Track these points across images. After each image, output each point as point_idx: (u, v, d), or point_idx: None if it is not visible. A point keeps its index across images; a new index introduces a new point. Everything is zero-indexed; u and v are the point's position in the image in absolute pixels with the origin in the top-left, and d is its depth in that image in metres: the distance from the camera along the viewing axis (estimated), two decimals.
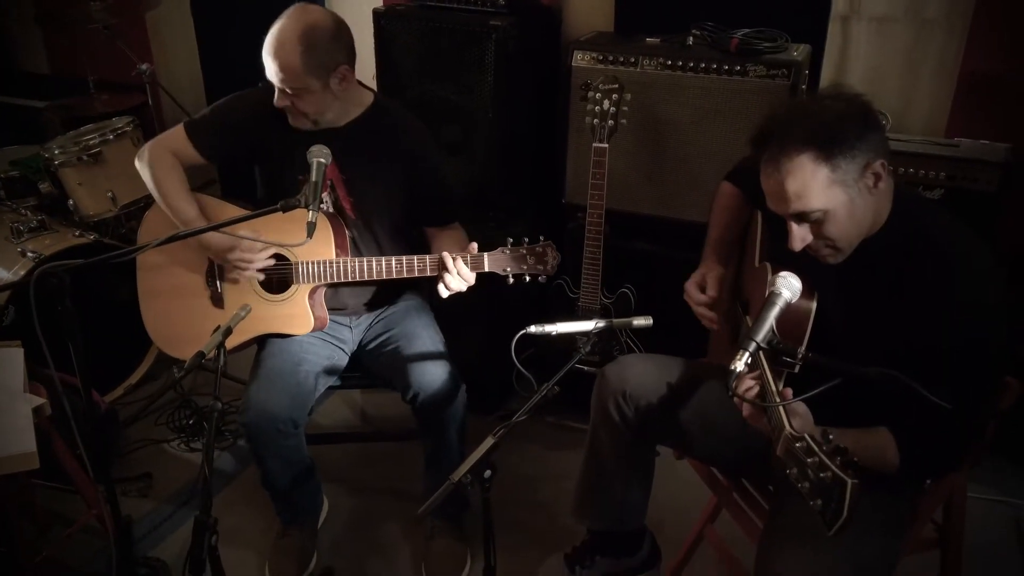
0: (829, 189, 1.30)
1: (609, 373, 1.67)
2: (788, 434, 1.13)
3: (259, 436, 1.91)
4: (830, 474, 1.01)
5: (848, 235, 1.35)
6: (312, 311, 2.01)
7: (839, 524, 1.00)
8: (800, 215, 1.34)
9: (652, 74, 2.41)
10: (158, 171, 1.99)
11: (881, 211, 1.37)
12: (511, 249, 1.88)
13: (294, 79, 1.81)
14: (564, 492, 2.40)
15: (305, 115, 1.89)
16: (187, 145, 2.01)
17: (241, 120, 2.00)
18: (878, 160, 1.30)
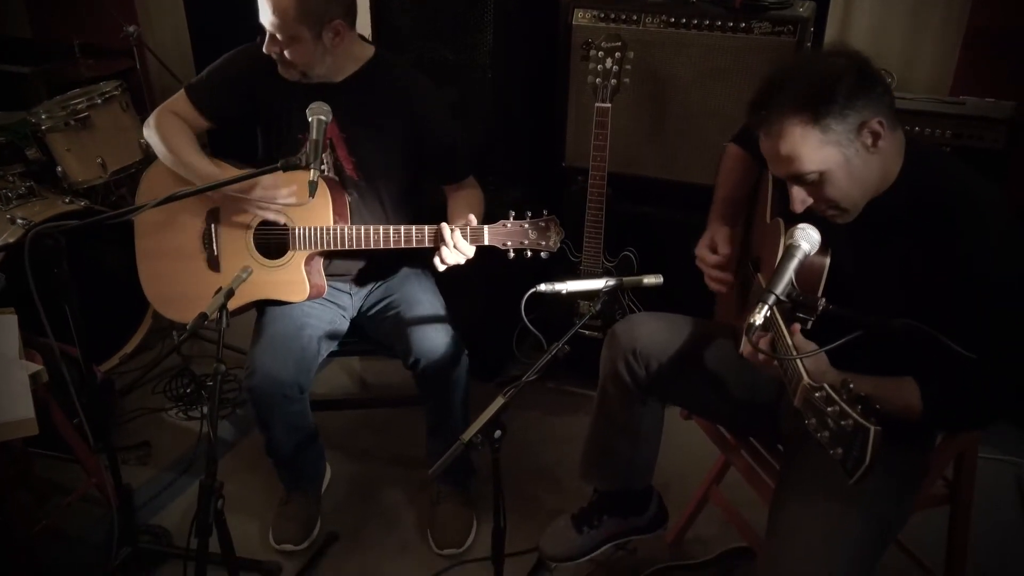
0: (821, 150, 1.28)
1: (619, 331, 1.64)
2: (806, 384, 1.11)
3: (264, 401, 1.88)
4: (851, 422, 1.00)
5: (849, 196, 1.33)
6: (308, 278, 1.97)
7: (861, 471, 0.98)
8: (796, 177, 1.32)
9: (654, 32, 2.36)
10: (166, 134, 1.94)
11: (889, 169, 1.34)
12: (513, 223, 1.83)
13: (285, 25, 1.76)
14: (567, 456, 2.42)
15: (293, 66, 1.84)
16: (189, 107, 1.96)
17: (238, 75, 1.95)
18: (875, 119, 1.27)
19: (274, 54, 1.83)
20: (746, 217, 1.77)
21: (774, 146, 1.32)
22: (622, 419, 1.67)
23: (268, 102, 1.94)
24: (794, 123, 1.28)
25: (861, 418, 0.98)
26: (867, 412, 0.99)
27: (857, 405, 1.00)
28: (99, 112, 2.77)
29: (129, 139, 2.87)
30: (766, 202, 1.66)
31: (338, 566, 2.05)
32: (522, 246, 1.85)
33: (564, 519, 1.88)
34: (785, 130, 1.29)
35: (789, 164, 1.31)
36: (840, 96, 1.26)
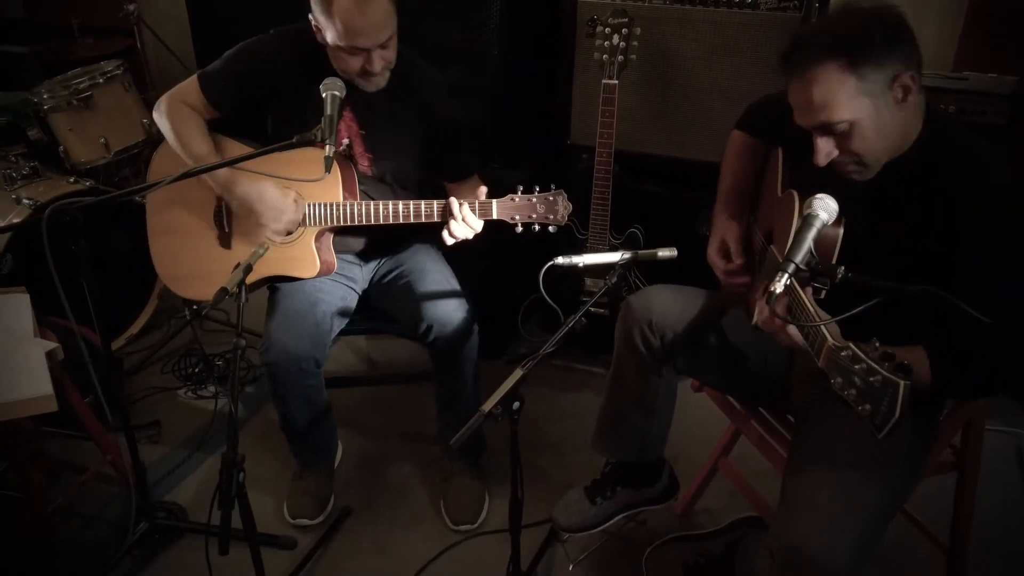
0: (856, 99, 1.27)
1: (634, 303, 1.66)
2: (831, 345, 1.13)
3: (281, 375, 1.90)
4: (880, 378, 1.02)
5: (874, 149, 1.33)
6: (319, 255, 1.98)
7: (891, 425, 1.01)
8: (825, 126, 1.32)
9: (660, 8, 2.37)
10: (176, 122, 1.94)
11: (910, 129, 1.35)
12: (521, 196, 1.84)
13: (390, 27, 1.79)
14: (574, 431, 2.45)
15: (388, 66, 1.85)
16: (200, 98, 1.95)
17: (255, 71, 1.94)
18: (908, 72, 1.28)
19: (360, 68, 1.81)
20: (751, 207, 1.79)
21: (807, 93, 1.30)
22: (637, 390, 1.70)
23: (283, 97, 1.94)
24: (831, 68, 1.26)
25: (890, 373, 1.00)
26: (896, 368, 1.01)
27: (884, 362, 1.02)
28: (101, 91, 2.75)
29: (131, 119, 2.86)
30: (776, 176, 1.67)
31: (353, 540, 2.08)
32: (530, 220, 1.86)
33: (577, 491, 1.91)
34: (821, 75, 1.27)
35: (821, 112, 1.30)
36: (879, 44, 1.25)
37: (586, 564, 1.99)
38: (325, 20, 1.77)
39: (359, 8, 1.73)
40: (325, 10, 1.75)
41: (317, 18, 1.79)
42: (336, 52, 1.80)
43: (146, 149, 2.96)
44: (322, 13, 1.76)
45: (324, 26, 1.78)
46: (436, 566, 2.00)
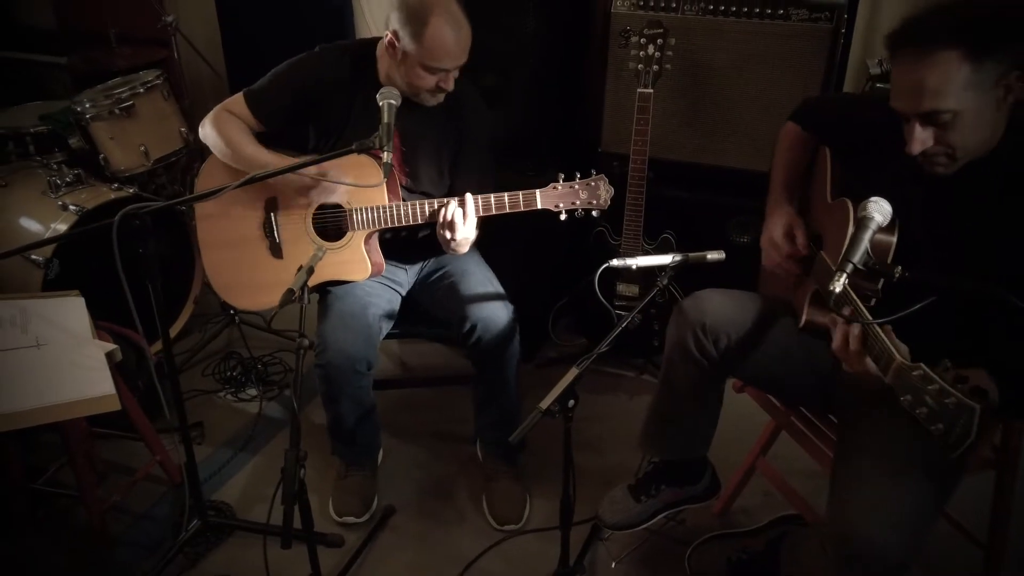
0: (966, 91, 1.24)
1: (687, 306, 1.71)
2: (901, 363, 1.17)
3: (336, 376, 1.95)
4: (954, 400, 1.05)
5: (968, 144, 1.30)
6: (369, 256, 2.04)
7: (965, 446, 1.05)
8: (930, 114, 1.28)
9: (693, 19, 2.42)
10: (224, 130, 1.99)
11: (997, 130, 1.34)
12: (563, 184, 1.90)
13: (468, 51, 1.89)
14: (608, 431, 2.50)
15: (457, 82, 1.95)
16: (247, 114, 2.01)
17: (303, 87, 2.00)
18: (1013, 72, 1.26)
19: (434, 86, 1.91)
20: (803, 195, 1.83)
21: (919, 76, 1.25)
22: (688, 391, 1.74)
23: (325, 110, 2.00)
24: (952, 54, 1.22)
25: (966, 397, 1.04)
26: (971, 391, 1.05)
27: (958, 384, 1.06)
28: (142, 101, 2.81)
29: (170, 127, 2.92)
30: (824, 180, 1.71)
31: (399, 537, 2.13)
32: (574, 206, 1.92)
33: (620, 489, 1.95)
34: (939, 59, 1.23)
35: (930, 98, 1.25)
36: (1004, 38, 1.22)
37: (628, 562, 2.03)
38: (413, 39, 1.83)
39: (455, 33, 1.83)
40: (416, 31, 1.82)
41: (402, 36, 1.85)
42: (413, 68, 1.87)
43: (183, 157, 3.02)
44: (411, 33, 1.83)
45: (410, 44, 1.85)
46: (481, 563, 2.05)
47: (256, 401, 2.62)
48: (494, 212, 1.93)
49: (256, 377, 2.69)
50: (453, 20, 1.85)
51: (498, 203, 1.92)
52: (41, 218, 2.50)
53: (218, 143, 2.01)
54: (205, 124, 2.04)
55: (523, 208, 1.92)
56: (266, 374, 2.72)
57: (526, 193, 1.91)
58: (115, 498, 2.08)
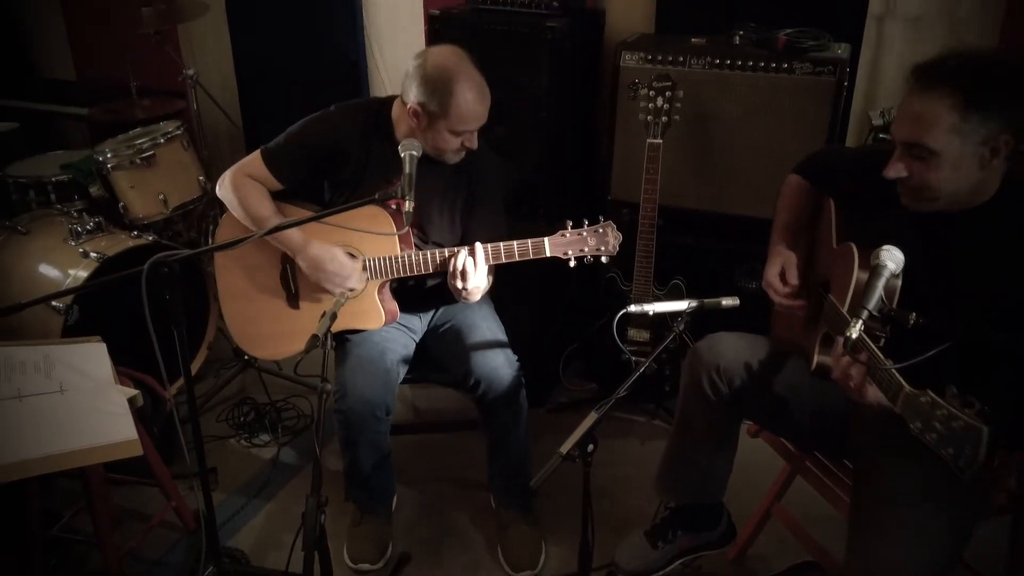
0: (950, 135, 1.36)
1: (702, 349, 1.74)
2: (909, 391, 1.20)
3: (355, 422, 1.97)
4: (962, 423, 1.09)
5: (941, 188, 1.41)
6: (383, 305, 2.07)
7: (974, 468, 1.07)
8: (912, 145, 1.40)
9: (700, 72, 2.49)
10: (241, 193, 2.05)
11: (987, 186, 1.43)
12: (571, 231, 1.94)
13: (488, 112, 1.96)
14: (621, 477, 2.50)
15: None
16: (265, 173, 2.06)
17: (320, 145, 2.06)
18: (1004, 135, 1.36)
19: (459, 145, 1.98)
20: (808, 242, 1.88)
21: (916, 107, 1.38)
22: (703, 434, 1.76)
23: (341, 166, 2.06)
24: (946, 95, 1.34)
25: (973, 419, 1.07)
26: (977, 413, 1.08)
27: (965, 408, 1.09)
28: (162, 151, 2.89)
29: (189, 176, 2.99)
30: (830, 227, 1.77)
31: None
32: (582, 253, 1.96)
33: (637, 535, 1.95)
34: (936, 96, 1.35)
35: (918, 129, 1.37)
36: (995, 103, 1.33)
37: None
38: (440, 108, 1.89)
39: (479, 96, 1.91)
40: (442, 101, 1.88)
41: (428, 106, 1.90)
42: (441, 134, 1.94)
43: (200, 205, 3.08)
44: (438, 103, 1.89)
45: (436, 111, 1.90)
46: None
47: (269, 446, 2.63)
48: (504, 260, 1.96)
49: (269, 422, 2.70)
50: (476, 84, 1.91)
51: (507, 251, 1.96)
52: (62, 265, 2.54)
53: (235, 207, 2.06)
54: (224, 185, 2.09)
55: (532, 256, 1.96)
56: (280, 419, 2.74)
57: (535, 241, 1.95)
58: (131, 544, 2.08)
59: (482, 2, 2.64)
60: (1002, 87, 1.35)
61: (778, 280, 1.75)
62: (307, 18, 3.43)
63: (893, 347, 1.33)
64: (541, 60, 2.52)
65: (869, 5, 2.59)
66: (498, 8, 2.61)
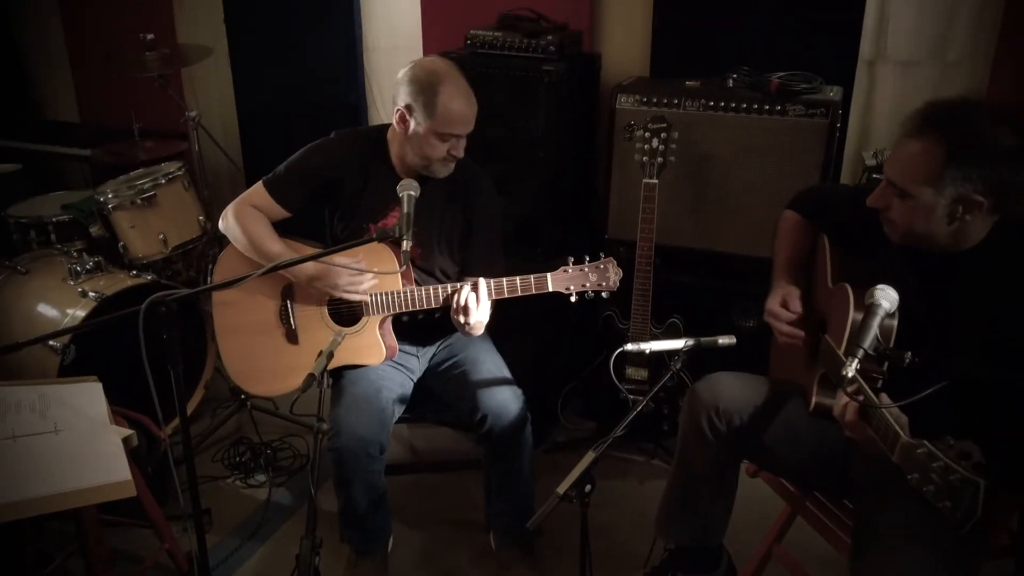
0: (923, 184, 1.41)
1: (700, 389, 1.74)
2: (906, 442, 1.20)
3: (350, 460, 1.95)
4: (959, 476, 1.08)
5: (908, 228, 1.48)
6: (383, 340, 2.08)
7: (972, 522, 1.07)
8: (892, 181, 1.46)
9: (694, 114, 2.54)
10: (245, 223, 2.07)
11: (969, 236, 1.46)
12: (573, 267, 1.96)
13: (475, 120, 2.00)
14: (621, 517, 2.48)
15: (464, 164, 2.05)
16: (269, 201, 2.09)
17: (319, 171, 2.10)
18: (978, 195, 1.39)
19: (446, 153, 2.00)
20: (805, 282, 1.89)
21: (903, 147, 1.45)
22: (703, 474, 1.75)
23: (342, 191, 2.09)
24: (931, 144, 1.40)
25: (969, 472, 1.07)
26: (974, 466, 1.08)
27: (962, 460, 1.09)
28: (163, 191, 2.91)
29: (189, 216, 3.01)
30: (825, 267, 1.78)
31: None
32: (584, 288, 1.97)
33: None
34: (923, 141, 1.41)
35: (901, 169, 1.45)
36: (976, 169, 1.37)
37: None
38: (426, 109, 1.93)
39: (465, 99, 1.95)
40: (428, 101, 1.92)
41: (414, 108, 1.95)
42: (427, 139, 1.96)
43: (200, 244, 3.10)
44: (424, 104, 1.93)
45: (422, 115, 1.94)
46: None
47: (264, 487, 2.61)
48: (507, 295, 1.98)
49: (265, 462, 2.68)
50: (461, 87, 1.96)
51: (510, 287, 1.97)
52: (61, 304, 2.55)
53: (240, 238, 2.08)
54: (227, 217, 2.11)
55: (535, 291, 1.97)
56: (275, 459, 2.72)
57: (537, 276, 1.97)
58: None
59: (480, 46, 2.69)
60: (986, 150, 1.38)
61: (780, 308, 1.76)
62: (308, 61, 3.50)
63: (891, 387, 1.34)
64: (539, 102, 2.56)
65: (860, 49, 2.64)
66: (496, 52, 2.66)
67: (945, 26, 2.57)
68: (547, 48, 2.59)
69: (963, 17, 2.54)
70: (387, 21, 3.39)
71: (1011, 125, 1.41)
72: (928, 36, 2.59)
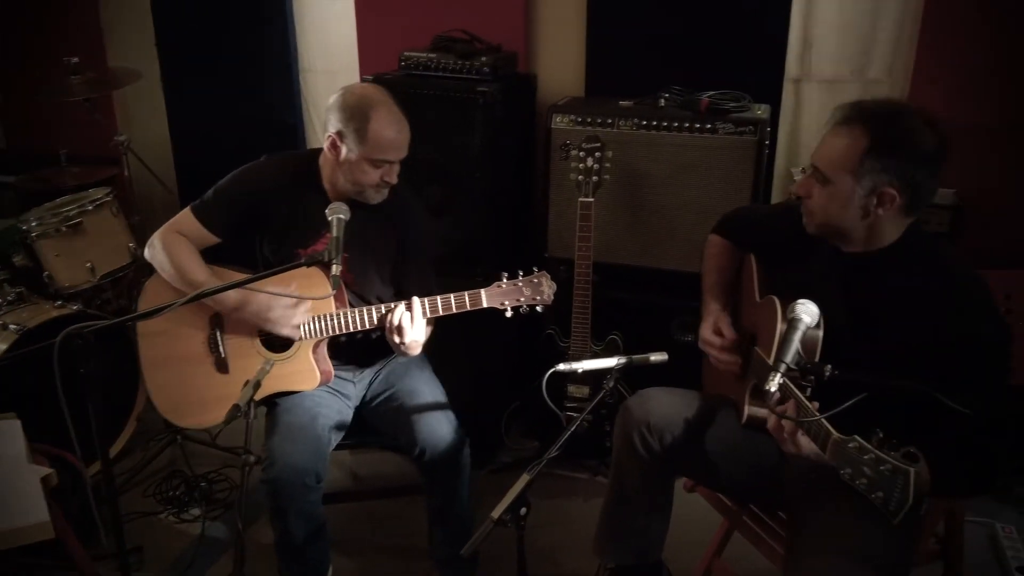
0: (842, 170, 1.45)
1: (632, 406, 1.74)
2: (837, 438, 1.22)
3: (285, 491, 1.89)
4: (890, 466, 1.11)
5: (823, 216, 1.52)
6: (318, 365, 2.04)
7: (905, 511, 1.09)
8: (816, 166, 1.50)
9: (628, 133, 2.57)
10: (170, 250, 2.02)
11: (883, 233, 1.50)
12: (507, 282, 1.96)
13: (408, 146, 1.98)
14: (565, 537, 2.46)
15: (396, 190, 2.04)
16: (197, 227, 2.04)
17: (248, 196, 2.05)
18: (892, 189, 1.43)
19: (379, 180, 1.97)
20: (734, 302, 1.92)
21: (834, 134, 1.48)
22: (637, 492, 1.75)
23: (274, 216, 2.05)
24: (857, 135, 1.44)
25: (900, 462, 1.09)
26: (903, 456, 1.10)
27: (891, 451, 1.11)
28: (90, 218, 2.82)
29: (119, 243, 2.92)
30: (752, 283, 1.81)
31: None
32: (519, 303, 1.96)
33: None
34: (851, 131, 1.45)
35: (825, 155, 1.48)
36: (900, 160, 1.41)
37: None
38: (357, 135, 1.91)
39: (397, 125, 1.93)
40: (359, 127, 1.90)
41: (345, 135, 1.93)
42: (359, 165, 1.94)
43: (130, 272, 3.01)
44: (355, 130, 1.91)
45: (354, 141, 1.92)
46: None
47: (199, 522, 2.52)
48: (441, 313, 1.96)
49: (200, 496, 2.60)
50: (393, 113, 1.94)
51: (445, 304, 1.96)
52: None
53: (165, 266, 2.02)
54: (153, 244, 2.05)
55: (469, 307, 1.96)
56: (211, 492, 2.64)
57: (472, 293, 1.95)
58: None
59: (414, 68, 2.69)
60: (905, 146, 1.42)
61: (713, 336, 1.78)
62: (244, 83, 3.45)
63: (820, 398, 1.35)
64: (474, 123, 2.57)
65: (786, 68, 2.71)
66: (430, 74, 2.66)
67: (866, 45, 2.67)
68: (481, 69, 2.60)
69: (882, 37, 2.65)
70: (323, 43, 3.38)
71: (935, 132, 1.45)
72: (850, 55, 2.69)
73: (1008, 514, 2.53)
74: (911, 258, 1.50)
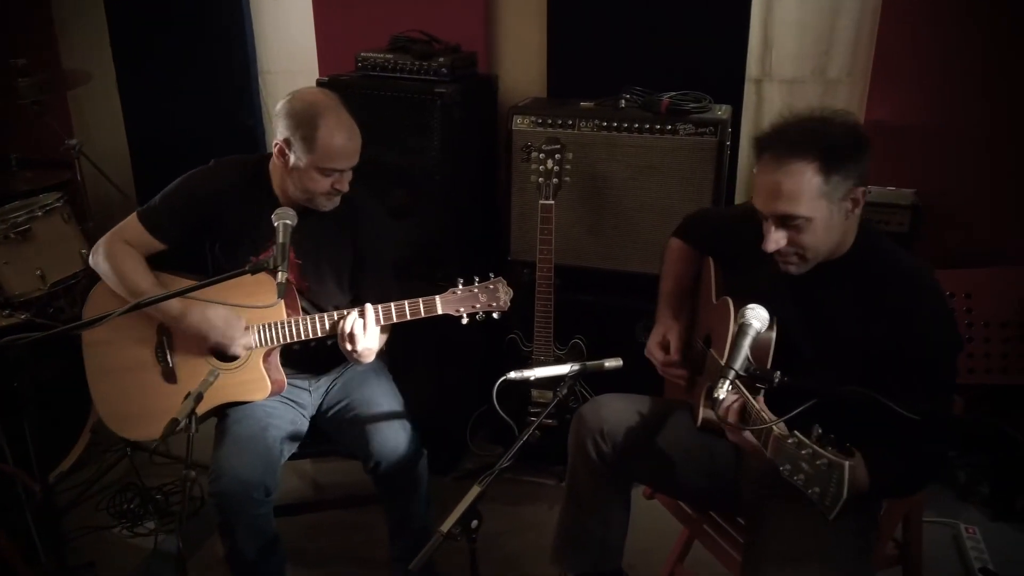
0: (817, 200, 1.40)
1: (586, 412, 1.71)
2: (777, 435, 1.20)
3: (231, 505, 1.84)
4: (826, 461, 1.09)
5: (818, 247, 1.45)
6: (268, 375, 1.99)
7: (839, 506, 1.07)
8: (785, 217, 1.42)
9: (589, 135, 2.54)
10: (115, 258, 1.96)
11: (848, 236, 1.49)
12: (462, 289, 1.91)
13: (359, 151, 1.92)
14: (530, 544, 2.43)
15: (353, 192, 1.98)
16: (143, 234, 1.98)
17: (196, 201, 1.99)
18: (860, 188, 1.43)
19: (329, 188, 1.91)
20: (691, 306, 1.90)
21: (777, 181, 1.40)
22: (592, 500, 1.72)
23: (224, 223, 1.99)
24: (806, 166, 1.38)
25: (834, 456, 1.07)
26: (840, 449, 1.08)
27: (828, 446, 1.09)
28: (40, 224, 2.74)
29: (70, 249, 2.85)
30: (710, 285, 1.79)
31: None
32: (474, 310, 1.92)
33: None
34: (795, 169, 1.38)
35: (786, 202, 1.40)
36: (850, 159, 1.39)
37: None
38: (304, 143, 1.85)
39: (347, 133, 1.87)
40: (307, 135, 1.84)
41: (293, 143, 1.87)
42: (308, 173, 1.88)
43: (83, 279, 2.93)
44: (302, 138, 1.85)
45: (301, 150, 1.86)
46: None
47: (153, 535, 2.45)
48: (396, 320, 1.92)
49: (155, 509, 2.53)
50: (342, 120, 1.88)
51: (399, 311, 1.92)
52: None
53: (109, 274, 1.96)
54: (98, 251, 1.99)
55: (424, 314, 1.92)
56: (167, 504, 2.57)
57: (426, 300, 1.91)
58: None
59: (372, 68, 2.64)
60: (848, 145, 1.42)
61: (659, 349, 1.77)
62: (202, 85, 3.37)
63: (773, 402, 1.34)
64: (432, 125, 2.53)
65: (747, 68, 2.70)
66: (387, 75, 2.61)
67: (826, 45, 2.66)
68: (439, 70, 2.55)
69: (841, 38, 2.64)
70: (282, 44, 3.31)
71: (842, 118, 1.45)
72: (810, 56, 2.68)
73: (971, 514, 2.53)
74: (864, 262, 1.48)
